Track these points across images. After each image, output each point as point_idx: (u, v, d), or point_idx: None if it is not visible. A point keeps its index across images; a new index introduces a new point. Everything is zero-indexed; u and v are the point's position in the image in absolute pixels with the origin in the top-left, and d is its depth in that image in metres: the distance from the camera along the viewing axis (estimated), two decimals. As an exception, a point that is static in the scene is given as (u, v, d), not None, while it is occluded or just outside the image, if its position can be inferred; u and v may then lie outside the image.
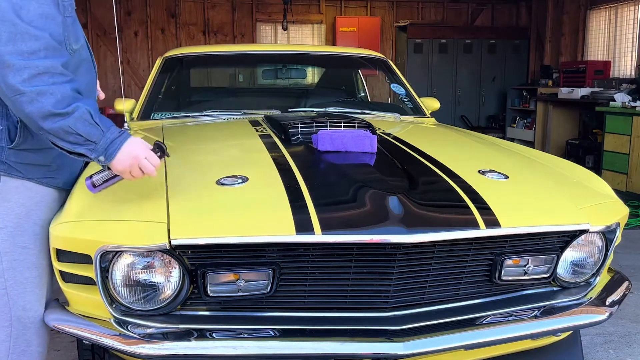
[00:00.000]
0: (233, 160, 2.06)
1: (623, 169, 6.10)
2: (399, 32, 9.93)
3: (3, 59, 1.36)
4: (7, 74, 1.37)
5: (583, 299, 1.78)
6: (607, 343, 2.80)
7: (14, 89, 1.37)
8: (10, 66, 1.36)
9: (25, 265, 1.62)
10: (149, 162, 1.55)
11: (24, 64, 1.37)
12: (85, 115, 1.44)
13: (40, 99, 1.38)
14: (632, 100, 6.22)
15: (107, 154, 1.48)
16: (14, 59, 1.36)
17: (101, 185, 1.56)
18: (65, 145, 1.46)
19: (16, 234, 1.60)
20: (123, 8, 9.05)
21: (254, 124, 2.59)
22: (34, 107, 1.39)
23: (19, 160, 1.58)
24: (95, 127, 1.46)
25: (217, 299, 1.56)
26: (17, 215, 1.59)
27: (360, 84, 4.24)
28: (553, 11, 9.14)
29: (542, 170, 2.14)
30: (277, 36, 9.83)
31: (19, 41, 1.37)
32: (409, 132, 2.79)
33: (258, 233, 1.52)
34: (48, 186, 1.66)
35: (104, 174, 1.56)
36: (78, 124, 1.43)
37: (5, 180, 1.57)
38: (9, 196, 1.58)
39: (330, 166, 1.92)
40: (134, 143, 1.53)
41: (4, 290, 1.60)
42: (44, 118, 1.40)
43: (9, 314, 1.62)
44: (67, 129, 1.42)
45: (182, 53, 3.46)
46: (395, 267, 1.58)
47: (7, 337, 1.63)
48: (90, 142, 1.46)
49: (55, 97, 1.40)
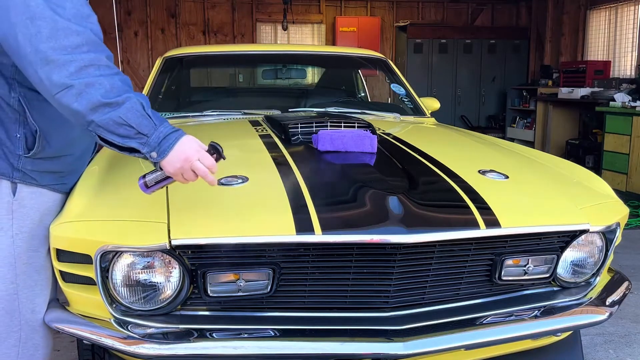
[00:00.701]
0: (233, 160, 2.05)
1: (623, 169, 6.10)
2: (399, 32, 9.93)
3: (45, 55, 1.32)
4: (52, 70, 1.32)
5: (583, 299, 1.77)
6: (607, 343, 2.80)
7: (60, 84, 1.32)
8: (53, 61, 1.32)
9: (35, 269, 1.63)
10: (201, 164, 1.44)
11: (69, 58, 1.33)
12: (137, 105, 1.37)
13: (89, 90, 1.33)
14: (632, 100, 6.22)
15: (161, 149, 1.39)
16: (57, 54, 1.32)
17: (154, 186, 1.47)
18: (116, 139, 1.38)
19: (30, 239, 1.60)
20: (123, 8, 9.06)
21: (254, 124, 2.59)
22: (83, 99, 1.33)
23: (34, 168, 1.58)
24: (148, 119, 1.39)
25: (217, 299, 1.56)
26: (32, 220, 1.60)
27: (360, 84, 4.24)
28: (553, 11, 9.14)
29: (542, 170, 2.14)
30: (277, 36, 9.83)
31: (60, 37, 1.33)
32: (409, 132, 2.79)
33: (258, 233, 1.51)
34: (59, 192, 1.67)
35: (157, 174, 1.46)
36: (129, 114, 1.36)
37: (20, 188, 1.57)
38: (25, 202, 1.58)
39: (330, 166, 1.92)
40: (188, 142, 1.43)
41: (16, 295, 1.60)
42: (94, 109, 1.34)
43: (19, 318, 1.61)
44: (117, 120, 1.35)
45: (182, 53, 3.46)
46: (395, 267, 1.58)
47: (16, 342, 1.62)
48: (142, 135, 1.38)
49: (104, 87, 1.34)
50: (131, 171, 1.89)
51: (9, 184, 1.56)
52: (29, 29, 1.32)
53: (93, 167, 1.87)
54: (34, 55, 1.32)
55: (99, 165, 1.91)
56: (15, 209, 1.57)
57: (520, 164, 2.18)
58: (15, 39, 1.33)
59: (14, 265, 1.58)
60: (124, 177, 1.82)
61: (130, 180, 1.79)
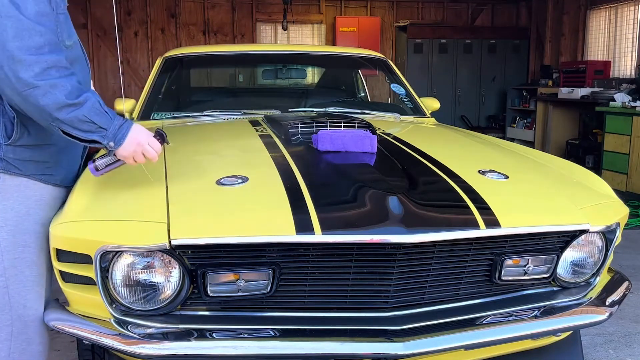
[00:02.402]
0: (233, 160, 2.06)
1: (623, 169, 6.10)
2: (399, 32, 9.93)
3: (13, 54, 1.40)
4: (19, 69, 1.41)
5: (583, 299, 1.77)
6: (607, 343, 2.80)
7: (27, 83, 1.42)
8: (21, 61, 1.41)
9: (26, 264, 1.63)
10: (151, 148, 1.64)
11: (34, 59, 1.42)
12: (96, 104, 1.53)
13: (53, 92, 1.44)
14: (632, 100, 6.22)
15: (117, 139, 1.57)
16: (23, 54, 1.41)
17: (104, 169, 1.64)
18: (79, 133, 1.52)
19: (17, 232, 1.61)
20: (123, 8, 9.05)
21: (254, 124, 2.59)
22: (49, 100, 1.44)
23: (17, 157, 1.59)
24: (105, 115, 1.55)
25: (217, 299, 1.56)
26: (17, 213, 1.60)
27: (360, 84, 4.24)
28: (553, 11, 9.14)
29: (542, 170, 2.14)
30: (277, 36, 9.82)
31: (25, 37, 1.42)
32: (409, 132, 2.79)
33: (258, 233, 1.51)
34: (46, 183, 1.67)
35: (107, 159, 1.63)
36: (91, 112, 1.51)
37: (4, 179, 1.58)
38: (8, 195, 1.59)
39: (330, 166, 1.92)
40: (138, 130, 1.62)
41: (5, 289, 1.61)
42: (60, 109, 1.46)
43: (10, 312, 1.62)
44: (81, 118, 1.49)
45: (182, 53, 3.46)
46: (395, 267, 1.58)
47: (8, 335, 1.63)
48: (102, 129, 1.54)
49: (66, 89, 1.46)
50: (131, 171, 1.89)
51: None
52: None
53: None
54: (1, 52, 1.40)
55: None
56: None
57: (520, 164, 2.18)
58: None
59: (0, 258, 1.59)
60: (124, 177, 1.82)
61: (130, 180, 1.79)
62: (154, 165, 1.90)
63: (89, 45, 8.63)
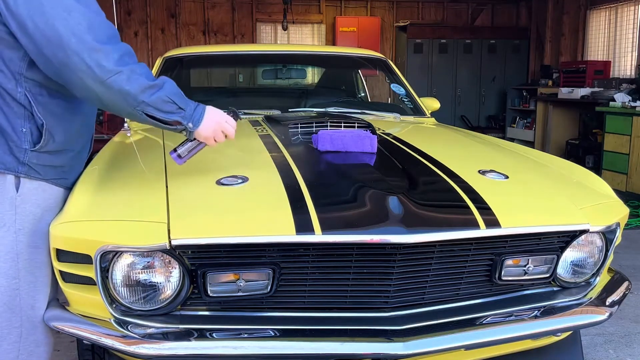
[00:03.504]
0: (233, 160, 2.05)
1: (623, 169, 6.10)
2: (399, 32, 9.93)
3: (92, 44, 1.45)
4: (100, 57, 1.45)
5: (583, 299, 1.77)
6: (607, 343, 2.80)
7: (111, 70, 1.46)
8: (100, 50, 1.45)
9: (36, 265, 1.64)
10: (230, 125, 1.72)
11: (111, 48, 1.48)
12: (174, 86, 1.59)
13: (135, 76, 1.50)
14: (632, 100, 6.22)
15: (194, 119, 1.63)
16: (100, 44, 1.46)
17: (187, 156, 1.70)
18: (162, 115, 1.57)
19: (31, 234, 1.62)
20: (123, 8, 9.06)
21: (254, 124, 2.59)
22: (134, 83, 1.49)
23: (39, 162, 1.60)
24: (182, 96, 1.61)
25: (217, 299, 1.56)
26: (34, 216, 1.62)
27: (360, 84, 4.24)
28: (553, 11, 9.14)
29: (542, 170, 2.14)
30: (277, 36, 9.83)
31: (97, 28, 1.47)
32: (409, 132, 2.79)
33: (258, 233, 1.51)
34: (60, 186, 1.69)
35: (188, 145, 1.69)
36: (172, 93, 1.57)
37: (24, 182, 1.59)
38: (27, 198, 1.60)
39: (330, 166, 1.92)
40: (213, 110, 1.69)
41: (17, 291, 1.61)
42: (144, 91, 1.51)
43: (20, 314, 1.62)
44: (165, 99, 1.55)
45: (182, 53, 3.46)
46: (395, 267, 1.58)
47: (17, 337, 1.63)
48: (181, 110, 1.59)
49: (143, 72, 1.52)
50: (131, 171, 1.89)
51: (12, 178, 1.57)
52: (68, 21, 1.44)
53: (93, 167, 1.87)
54: (81, 44, 1.44)
55: (98, 165, 1.91)
56: (19, 204, 1.59)
57: (520, 164, 2.18)
58: (55, 30, 1.43)
59: (16, 261, 1.59)
60: (124, 177, 1.82)
61: (130, 180, 1.80)
62: (154, 166, 1.90)
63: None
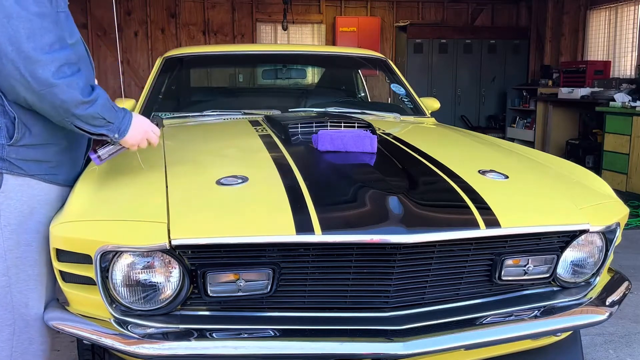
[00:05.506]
0: (233, 160, 2.05)
1: (623, 169, 6.10)
2: (399, 32, 9.93)
3: (29, 55, 1.42)
4: (36, 68, 1.43)
5: (583, 299, 1.77)
6: (607, 343, 2.80)
7: (46, 82, 1.45)
8: (38, 61, 1.43)
9: (29, 263, 1.64)
10: (154, 134, 1.77)
11: (49, 58, 1.45)
12: (107, 101, 1.60)
13: (69, 90, 1.48)
14: (632, 100, 6.22)
15: (121, 130, 1.65)
16: (39, 54, 1.43)
17: (107, 158, 1.73)
18: (90, 128, 1.58)
19: (20, 231, 1.61)
20: (123, 8, 9.05)
21: (254, 124, 2.59)
22: (67, 97, 1.48)
23: (20, 157, 1.59)
24: (113, 110, 1.62)
25: (217, 299, 1.56)
26: (21, 212, 1.61)
27: (360, 84, 4.24)
28: (553, 11, 9.14)
29: (542, 170, 2.14)
30: (277, 36, 9.82)
31: (38, 36, 1.44)
32: (409, 132, 2.79)
33: (258, 233, 1.51)
34: (50, 183, 1.67)
35: (110, 147, 1.72)
36: (103, 109, 1.58)
37: (7, 178, 1.58)
38: (12, 194, 1.59)
39: (330, 166, 1.92)
40: (139, 119, 1.73)
41: (8, 288, 1.61)
42: (76, 106, 1.51)
43: (12, 312, 1.62)
44: (95, 115, 1.56)
45: (182, 53, 3.46)
46: (395, 267, 1.58)
47: (10, 335, 1.63)
48: (110, 123, 1.62)
49: (79, 86, 1.51)
50: (131, 171, 1.89)
51: None
52: (6, 28, 1.41)
53: (93, 167, 1.87)
54: (17, 54, 1.42)
55: (98, 165, 1.90)
56: (2, 201, 1.58)
57: (520, 164, 2.18)
58: None
59: (4, 257, 1.59)
60: (124, 177, 1.82)
61: (130, 180, 1.80)
62: (154, 166, 1.90)
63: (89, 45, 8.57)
